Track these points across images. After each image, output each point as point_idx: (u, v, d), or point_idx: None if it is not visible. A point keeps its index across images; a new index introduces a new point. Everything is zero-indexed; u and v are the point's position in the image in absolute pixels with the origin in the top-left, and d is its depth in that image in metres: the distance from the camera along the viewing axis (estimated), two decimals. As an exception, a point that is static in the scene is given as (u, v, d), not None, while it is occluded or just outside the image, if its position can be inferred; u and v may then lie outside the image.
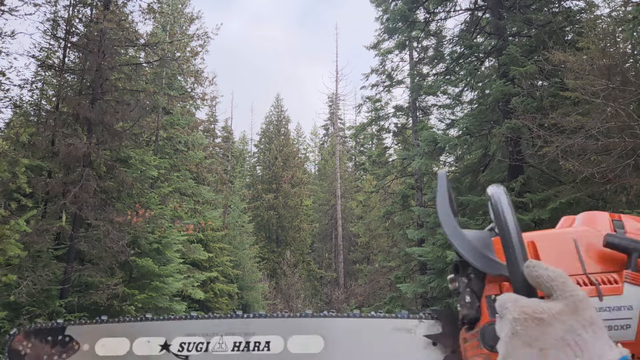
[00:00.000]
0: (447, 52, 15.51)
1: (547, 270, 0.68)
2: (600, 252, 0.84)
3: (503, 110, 12.54)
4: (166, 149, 19.41)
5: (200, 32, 19.30)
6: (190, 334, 1.03)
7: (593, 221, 0.91)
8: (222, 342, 1.00)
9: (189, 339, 1.02)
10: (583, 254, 0.84)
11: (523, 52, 12.17)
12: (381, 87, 19.04)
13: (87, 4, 13.81)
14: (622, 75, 10.39)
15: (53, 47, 13.84)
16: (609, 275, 0.83)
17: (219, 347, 1.00)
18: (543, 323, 0.64)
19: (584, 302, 0.66)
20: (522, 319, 0.65)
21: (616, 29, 11.00)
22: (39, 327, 1.04)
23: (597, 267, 0.83)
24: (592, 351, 0.62)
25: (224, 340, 1.01)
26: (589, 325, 0.64)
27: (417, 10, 15.90)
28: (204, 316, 1.05)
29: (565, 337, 0.63)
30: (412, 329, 0.99)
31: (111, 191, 12.85)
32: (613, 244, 0.83)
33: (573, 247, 0.85)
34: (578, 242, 0.86)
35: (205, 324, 1.04)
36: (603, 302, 0.81)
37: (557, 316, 0.64)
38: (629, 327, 0.81)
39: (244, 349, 1.00)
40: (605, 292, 0.81)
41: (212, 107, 30.59)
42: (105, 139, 13.11)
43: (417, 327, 0.99)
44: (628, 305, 0.81)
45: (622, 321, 0.81)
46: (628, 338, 0.81)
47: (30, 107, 13.76)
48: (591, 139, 10.20)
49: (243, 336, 1.01)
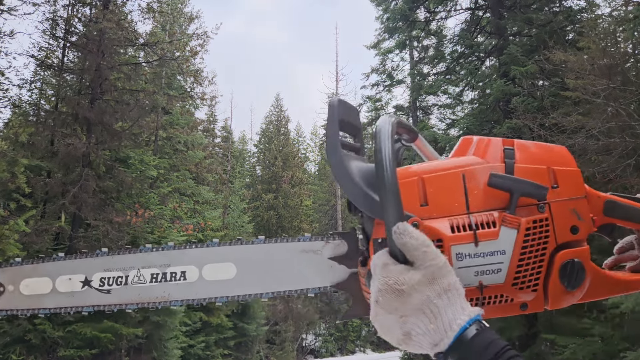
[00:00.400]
0: (448, 52, 15.48)
1: (411, 239, 0.72)
2: (485, 189, 0.84)
3: (504, 110, 12.51)
4: (165, 148, 19.37)
5: (200, 32, 19.26)
6: (109, 270, 1.09)
7: (485, 150, 0.89)
8: (140, 275, 1.07)
9: (108, 274, 1.08)
10: (469, 191, 0.84)
11: (524, 51, 12.14)
12: (381, 86, 18.99)
13: (86, 4, 13.77)
14: (623, 75, 10.37)
15: (52, 46, 13.82)
16: (490, 216, 0.83)
17: (138, 280, 1.07)
18: (403, 294, 0.70)
19: (442, 270, 0.71)
20: (384, 290, 0.71)
21: (617, 29, 10.98)
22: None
23: (481, 206, 0.83)
24: (445, 317, 0.68)
25: (142, 273, 1.07)
26: (444, 292, 0.70)
27: (417, 10, 15.87)
28: (120, 252, 1.10)
29: (421, 307, 0.69)
30: (318, 250, 1.03)
31: (110, 191, 12.81)
32: (496, 185, 0.83)
33: (461, 184, 0.85)
34: (466, 178, 0.85)
35: (121, 259, 1.09)
36: (479, 247, 0.81)
37: (416, 287, 0.70)
38: (500, 271, 0.82)
39: (162, 280, 1.06)
40: (481, 238, 0.81)
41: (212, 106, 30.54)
42: (104, 139, 13.07)
43: (323, 248, 1.03)
44: (502, 249, 0.82)
45: (494, 266, 0.82)
46: (498, 282, 0.82)
47: (29, 107, 13.73)
48: (592, 139, 10.17)
49: (159, 268, 1.07)
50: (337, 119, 0.87)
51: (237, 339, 20.75)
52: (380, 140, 0.80)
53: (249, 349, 21.96)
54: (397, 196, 0.75)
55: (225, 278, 1.06)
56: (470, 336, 0.67)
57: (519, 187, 0.83)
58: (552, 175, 0.87)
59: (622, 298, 9.18)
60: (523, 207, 0.84)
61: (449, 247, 0.81)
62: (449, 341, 0.68)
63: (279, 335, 25.25)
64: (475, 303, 0.83)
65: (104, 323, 12.06)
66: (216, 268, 1.07)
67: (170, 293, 1.07)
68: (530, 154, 0.89)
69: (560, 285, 0.85)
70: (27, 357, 11.55)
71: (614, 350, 9.84)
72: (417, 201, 0.84)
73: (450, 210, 0.83)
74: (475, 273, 0.82)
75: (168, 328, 14.66)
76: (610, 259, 1.03)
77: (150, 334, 14.01)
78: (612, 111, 10.18)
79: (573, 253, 0.86)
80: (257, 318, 22.00)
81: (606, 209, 0.95)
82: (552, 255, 0.85)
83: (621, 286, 0.94)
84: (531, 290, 0.85)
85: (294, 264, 1.05)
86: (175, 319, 14.91)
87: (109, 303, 1.10)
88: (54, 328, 11.66)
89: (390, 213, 0.75)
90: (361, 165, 0.88)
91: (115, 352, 13.11)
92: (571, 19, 12.82)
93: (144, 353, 14.31)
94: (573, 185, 0.88)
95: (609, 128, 10.10)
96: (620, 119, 9.87)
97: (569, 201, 0.87)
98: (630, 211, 0.95)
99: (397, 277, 0.71)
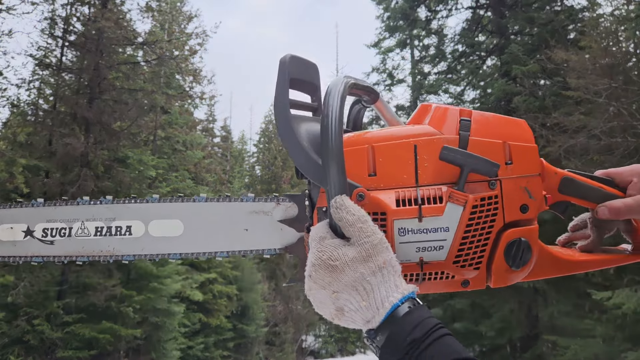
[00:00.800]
0: (449, 51, 15.45)
1: (347, 214, 0.71)
2: (436, 163, 0.81)
3: (505, 109, 12.47)
4: (164, 148, 19.30)
5: (199, 31, 19.15)
6: (52, 220, 1.06)
7: (441, 120, 0.86)
8: (84, 227, 1.05)
9: (50, 225, 1.05)
10: (420, 163, 0.82)
11: (525, 50, 12.11)
12: (382, 85, 18.92)
13: (85, 3, 13.69)
14: (625, 74, 10.34)
15: (51, 46, 13.72)
16: (438, 190, 0.80)
17: (82, 232, 1.05)
18: (335, 270, 0.69)
19: (377, 247, 0.70)
20: (317, 265, 0.71)
21: (618, 28, 10.95)
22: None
23: (430, 179, 0.81)
24: (377, 295, 0.69)
25: (86, 225, 1.05)
26: (378, 270, 0.69)
27: (418, 8, 15.84)
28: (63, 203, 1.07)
29: (354, 284, 0.69)
30: (269, 212, 1.01)
31: (109, 191, 12.74)
32: (446, 159, 0.80)
33: (412, 155, 0.82)
34: (418, 149, 0.82)
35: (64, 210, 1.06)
36: (422, 223, 0.80)
37: (350, 264, 0.69)
38: (442, 248, 0.81)
39: (106, 234, 1.04)
40: (426, 213, 0.79)
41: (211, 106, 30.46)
42: (103, 139, 13.01)
43: (274, 210, 1.01)
44: (445, 226, 0.80)
45: (436, 242, 0.80)
46: (439, 259, 0.81)
47: (27, 107, 13.65)
48: (594, 139, 10.14)
49: (104, 221, 1.05)
50: (287, 78, 0.82)
51: (237, 340, 20.69)
52: (329, 104, 0.76)
53: (249, 350, 21.90)
54: (340, 165, 0.73)
55: (173, 235, 1.03)
56: (402, 314, 0.67)
57: (469, 162, 0.80)
58: (507, 151, 0.84)
59: (624, 299, 9.14)
60: (474, 182, 0.82)
61: (391, 221, 0.79)
62: (381, 318, 0.68)
63: (278, 336, 25.19)
64: (415, 279, 0.83)
65: (103, 324, 12.01)
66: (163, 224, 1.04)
67: (116, 247, 1.04)
68: (487, 127, 0.85)
69: (504, 264, 0.83)
70: (25, 358, 11.48)
71: (616, 351, 9.81)
72: (365, 170, 0.82)
73: (398, 181, 0.82)
74: (417, 249, 0.81)
75: (167, 329, 14.61)
76: (564, 236, 1.02)
77: (149, 335, 13.96)
78: (614, 111, 10.15)
79: (520, 232, 0.83)
80: (257, 319, 21.95)
81: (562, 186, 0.93)
82: (499, 233, 0.83)
83: (567, 266, 0.93)
84: (473, 269, 0.83)
85: (243, 224, 1.03)
86: (174, 320, 14.86)
87: (52, 254, 1.06)
88: (53, 329, 11.60)
89: (332, 184, 0.73)
90: (312, 128, 0.84)
91: (114, 353, 13.05)
92: (572, 18, 12.80)
93: (142, 354, 14.25)
94: (528, 162, 0.85)
95: (611, 128, 10.06)
96: (622, 119, 9.84)
97: (522, 178, 0.84)
98: (585, 190, 0.93)
99: (331, 252, 0.71)
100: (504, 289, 12.65)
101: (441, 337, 0.65)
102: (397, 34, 17.38)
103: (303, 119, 0.90)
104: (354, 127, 1.08)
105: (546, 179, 0.91)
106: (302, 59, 0.90)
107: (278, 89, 0.81)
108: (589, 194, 0.93)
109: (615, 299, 8.93)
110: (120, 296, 12.45)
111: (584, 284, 10.41)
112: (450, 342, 0.66)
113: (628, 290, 8.96)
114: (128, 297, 12.79)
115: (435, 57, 16.09)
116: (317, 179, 0.78)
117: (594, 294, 9.38)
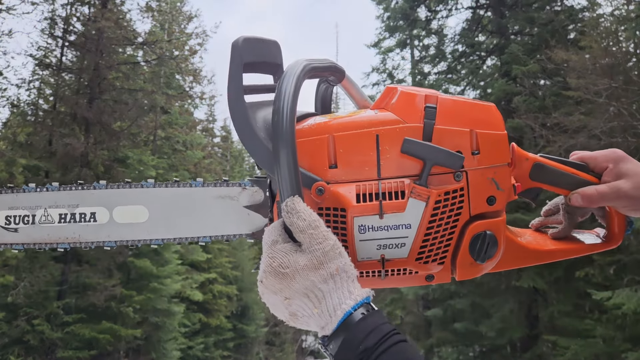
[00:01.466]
0: (449, 51, 15.44)
1: (299, 219, 0.69)
2: (399, 155, 0.77)
3: (505, 109, 12.46)
4: (164, 148, 19.28)
5: (199, 31, 19.15)
6: (14, 208, 1.04)
7: (405, 108, 0.80)
8: (48, 215, 1.03)
9: (13, 212, 1.04)
10: (382, 155, 0.77)
11: (525, 50, 12.11)
12: (382, 85, 18.92)
13: (85, 3, 13.69)
14: (625, 74, 10.34)
15: (51, 46, 13.71)
16: (401, 184, 0.76)
17: (45, 220, 1.03)
18: (286, 277, 0.68)
19: (329, 254, 0.68)
20: (268, 272, 0.69)
21: (619, 28, 10.94)
22: None
23: (393, 172, 0.78)
24: (330, 302, 0.67)
25: (49, 212, 1.03)
26: (330, 277, 0.68)
27: (418, 8, 15.83)
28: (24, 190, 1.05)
29: (305, 291, 0.68)
30: (235, 197, 0.99)
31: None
32: (409, 152, 0.76)
33: (374, 147, 0.78)
34: (380, 139, 0.78)
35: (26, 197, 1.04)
36: (383, 220, 0.76)
37: (300, 271, 0.68)
38: (404, 245, 0.78)
39: (70, 220, 1.02)
40: (387, 210, 0.76)
41: (211, 106, 30.43)
42: (103, 139, 13.00)
43: (240, 195, 0.99)
44: (407, 223, 0.77)
45: (398, 240, 0.77)
46: (401, 256, 0.78)
47: (27, 107, 13.65)
48: (594, 139, 10.14)
49: (67, 208, 1.03)
50: (240, 62, 0.78)
51: (237, 340, 20.68)
52: (282, 90, 0.72)
53: (249, 350, 21.90)
54: (291, 162, 0.69)
55: (138, 221, 1.02)
56: (355, 321, 0.66)
57: (432, 156, 0.76)
58: (474, 139, 0.79)
59: (624, 299, 9.14)
60: (438, 174, 0.78)
61: (351, 218, 0.76)
62: (333, 326, 0.67)
63: (278, 336, 25.20)
64: (377, 275, 0.80)
65: (103, 324, 12.01)
66: (127, 210, 1.02)
67: (81, 234, 1.03)
68: (453, 114, 0.80)
69: (469, 257, 0.80)
70: (25, 358, 11.48)
71: (616, 351, 9.80)
72: (325, 162, 0.78)
73: (359, 174, 0.78)
74: (378, 247, 0.78)
75: (167, 329, 14.60)
76: (537, 220, 0.99)
77: (149, 335, 13.96)
78: (614, 111, 10.15)
79: (486, 225, 0.80)
80: (257, 319, 21.95)
81: (533, 172, 0.89)
82: (464, 226, 0.79)
83: (535, 256, 0.90)
84: (437, 264, 0.80)
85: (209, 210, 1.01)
86: (174, 320, 14.86)
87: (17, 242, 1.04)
88: (53, 329, 11.60)
89: (283, 184, 0.69)
90: (269, 115, 0.78)
91: (114, 354, 13.05)
92: (573, 18, 12.80)
93: (142, 354, 14.25)
94: (496, 151, 0.81)
95: (611, 128, 10.06)
96: (623, 119, 9.83)
97: (489, 169, 0.80)
98: (557, 176, 0.89)
99: (281, 258, 0.69)
100: (504, 289, 12.65)
101: (395, 344, 0.64)
102: (397, 34, 17.37)
103: (261, 104, 0.86)
104: (322, 107, 1.04)
105: (517, 166, 0.87)
106: (259, 38, 0.85)
107: (230, 77, 0.77)
108: (561, 180, 0.89)
109: (615, 299, 8.93)
110: (120, 296, 12.45)
111: (584, 284, 10.41)
112: (404, 348, 0.64)
113: (628, 290, 8.96)
114: (128, 297, 12.79)
115: (435, 57, 16.08)
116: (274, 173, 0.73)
117: (594, 294, 9.38)
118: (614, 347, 9.88)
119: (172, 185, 1.04)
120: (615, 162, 0.88)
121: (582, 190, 0.87)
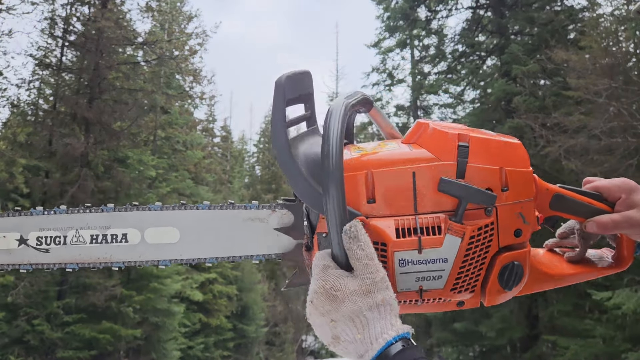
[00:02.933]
0: (449, 51, 15.45)
1: (358, 248, 0.73)
2: (435, 192, 0.82)
3: (505, 109, 12.47)
4: (164, 148, 19.28)
5: (199, 31, 19.11)
6: (45, 229, 1.06)
7: (439, 144, 0.85)
8: (79, 236, 1.05)
9: (44, 233, 1.05)
10: (418, 191, 0.82)
11: (525, 50, 12.11)
12: (382, 85, 18.94)
13: (85, 2, 13.69)
14: (625, 74, 10.33)
15: (51, 45, 13.71)
16: (437, 219, 0.81)
17: (77, 240, 1.05)
18: (336, 300, 0.72)
19: (378, 284, 0.73)
20: (319, 292, 0.73)
21: (618, 28, 10.94)
22: None
23: (429, 207, 0.82)
24: (373, 330, 0.70)
25: (80, 233, 1.05)
26: (376, 306, 0.71)
27: (418, 8, 15.83)
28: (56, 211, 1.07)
29: (352, 316, 0.71)
30: (264, 219, 1.02)
31: (109, 191, 12.72)
32: (445, 191, 0.82)
33: (410, 183, 0.82)
34: (417, 176, 0.83)
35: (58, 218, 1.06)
36: (422, 255, 0.81)
37: (350, 296, 0.71)
38: (441, 277, 0.83)
39: (102, 241, 1.04)
40: (425, 245, 0.81)
41: (211, 106, 30.41)
42: (103, 139, 13.00)
43: (269, 217, 1.02)
44: (444, 257, 0.82)
45: (436, 272, 0.82)
46: (438, 287, 0.83)
47: (27, 107, 13.65)
48: (594, 139, 10.13)
49: (99, 229, 1.05)
50: (284, 100, 0.81)
51: (237, 340, 20.67)
52: (330, 129, 0.76)
53: (249, 350, 21.89)
54: (340, 194, 0.74)
55: (169, 242, 1.04)
56: (395, 352, 0.68)
57: (467, 195, 0.81)
58: (504, 177, 0.85)
59: (624, 299, 9.14)
60: (471, 210, 0.83)
61: (392, 253, 0.81)
62: (373, 354, 0.69)
63: (278, 336, 25.19)
64: (415, 302, 0.86)
65: (103, 324, 12.01)
66: (159, 232, 1.04)
67: (112, 254, 1.04)
68: (484, 152, 0.86)
69: (498, 286, 0.86)
70: (25, 358, 11.48)
71: (616, 351, 9.81)
72: (364, 197, 0.82)
73: (397, 209, 0.82)
74: (417, 279, 0.83)
75: (167, 329, 14.60)
76: (552, 241, 1.06)
77: (149, 335, 13.95)
78: (614, 111, 10.15)
79: (514, 256, 0.86)
80: (257, 319, 21.94)
81: (553, 202, 0.95)
82: (493, 257, 0.85)
83: (555, 281, 0.98)
84: (469, 292, 0.86)
85: (240, 231, 1.04)
86: (174, 320, 14.86)
87: (48, 262, 1.06)
88: (53, 329, 11.60)
89: (332, 215, 0.74)
90: (310, 150, 0.85)
91: (114, 354, 13.05)
92: (573, 18, 12.80)
93: (142, 354, 14.25)
94: (523, 187, 0.87)
95: (611, 128, 10.06)
96: (622, 119, 9.83)
97: (517, 204, 0.86)
98: (575, 205, 0.97)
99: (333, 282, 0.73)
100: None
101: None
102: (397, 34, 17.37)
103: (300, 138, 0.91)
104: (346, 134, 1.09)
105: (538, 197, 0.92)
106: (296, 73, 0.89)
107: (274, 116, 0.80)
108: (578, 209, 0.96)
109: (615, 299, 8.93)
110: (120, 296, 12.44)
111: (584, 284, 10.40)
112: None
113: (628, 290, 8.96)
114: (128, 297, 12.79)
115: (435, 57, 16.08)
116: (317, 208, 0.79)
117: (594, 294, 9.38)
118: (613, 347, 9.89)
119: (203, 208, 1.06)
120: (627, 193, 0.95)
121: (598, 219, 0.94)
